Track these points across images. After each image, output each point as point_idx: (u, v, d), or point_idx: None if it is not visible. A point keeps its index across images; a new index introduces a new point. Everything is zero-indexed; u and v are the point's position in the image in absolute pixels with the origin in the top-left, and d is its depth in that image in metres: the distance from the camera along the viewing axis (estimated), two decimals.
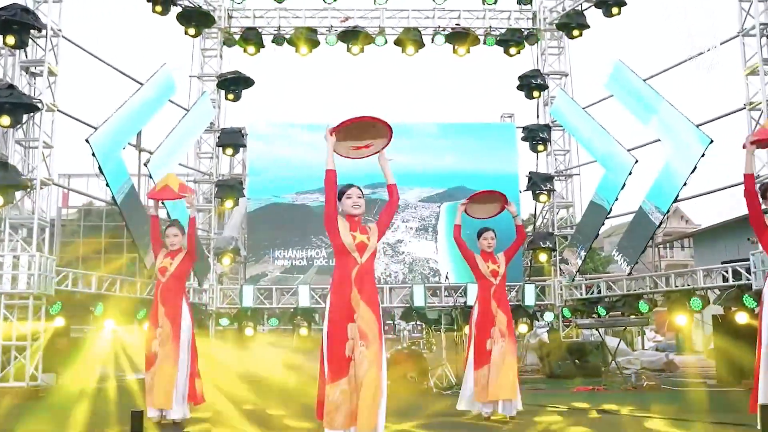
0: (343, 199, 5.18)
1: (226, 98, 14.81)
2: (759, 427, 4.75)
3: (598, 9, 14.11)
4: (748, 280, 10.34)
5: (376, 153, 5.41)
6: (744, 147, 5.59)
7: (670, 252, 44.35)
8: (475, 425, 6.75)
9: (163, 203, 10.07)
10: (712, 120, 11.80)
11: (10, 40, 9.73)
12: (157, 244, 7.35)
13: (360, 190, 5.24)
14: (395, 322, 11.43)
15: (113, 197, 11.57)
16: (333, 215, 5.07)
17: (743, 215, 5.91)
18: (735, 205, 13.43)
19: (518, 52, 15.28)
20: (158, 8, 13.42)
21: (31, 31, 10.05)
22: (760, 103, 10.56)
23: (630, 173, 12.73)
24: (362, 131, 5.27)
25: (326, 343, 4.91)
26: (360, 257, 5.05)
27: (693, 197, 12.67)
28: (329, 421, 4.76)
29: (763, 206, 5.50)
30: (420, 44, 14.94)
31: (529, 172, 14.94)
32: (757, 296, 8.17)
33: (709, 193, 12.53)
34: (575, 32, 14.49)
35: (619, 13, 13.95)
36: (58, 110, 10.55)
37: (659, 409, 7.68)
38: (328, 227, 5.08)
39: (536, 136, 14.92)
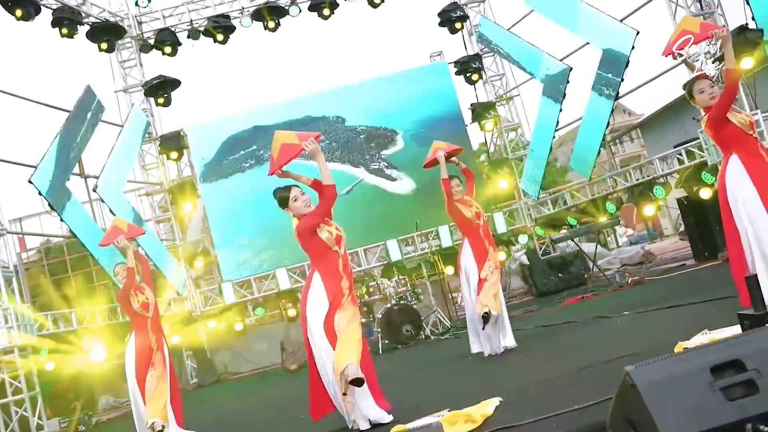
0: (290, 203, 5.11)
1: (157, 104, 14.58)
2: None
3: None
4: (702, 157, 10.58)
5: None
6: (664, 55, 5.59)
7: (621, 148, 45.00)
8: (491, 359, 6.83)
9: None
10: (634, 12, 11.92)
11: None
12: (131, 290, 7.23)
13: (298, 188, 5.15)
14: (378, 282, 11.47)
15: (71, 230, 11.42)
16: (317, 226, 5.02)
17: (680, 96, 5.93)
18: (669, 90, 13.71)
19: None
20: (65, 31, 13.10)
21: None
22: None
23: (567, 82, 12.83)
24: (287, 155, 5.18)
25: (328, 336, 4.88)
26: (339, 249, 5.08)
27: (632, 90, 12.86)
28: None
29: (698, 104, 5.46)
30: (334, 4, 14.80)
31: (471, 104, 15.00)
32: (715, 170, 8.36)
33: (648, 82, 12.73)
34: None
35: None
36: None
37: (646, 301, 7.91)
38: (310, 233, 5.02)
39: (468, 67, 14.99)
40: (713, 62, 10.41)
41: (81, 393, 11.80)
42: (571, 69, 12.79)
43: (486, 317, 6.70)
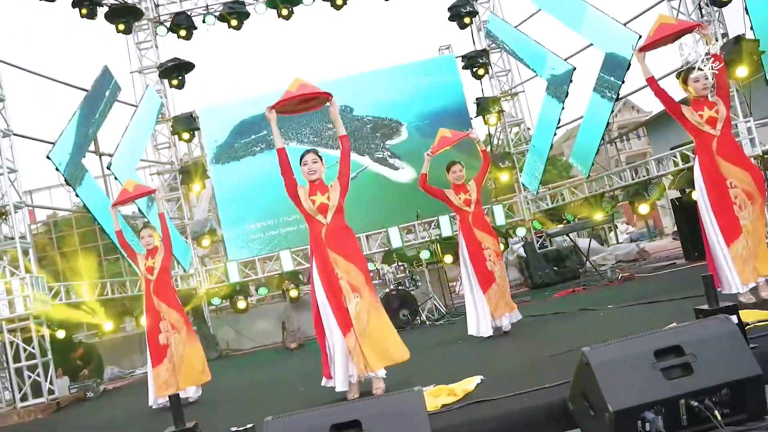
0: (300, 166, 5.50)
1: (171, 86, 15.00)
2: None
3: None
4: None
5: (323, 105, 5.69)
6: (639, 51, 6.07)
7: (628, 144, 45.32)
8: (480, 343, 7.28)
9: (139, 210, 10.44)
10: (637, 16, 12.28)
11: None
12: (130, 253, 7.70)
13: (315, 153, 5.54)
14: (378, 267, 11.90)
15: (84, 206, 11.87)
16: (291, 188, 5.42)
17: (683, 98, 6.38)
18: (676, 90, 14.01)
19: None
20: (84, 11, 13.53)
21: None
22: None
23: (570, 81, 13.22)
24: (303, 103, 5.61)
25: (326, 303, 5.27)
26: (324, 218, 5.42)
27: (635, 91, 13.21)
28: (359, 370, 5.23)
29: (690, 92, 5.98)
30: None
31: (476, 98, 15.38)
32: None
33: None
34: None
35: None
36: (14, 134, 10.73)
37: (631, 296, 8.33)
38: (292, 198, 5.46)
39: (475, 62, 15.34)
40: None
41: (90, 361, 12.32)
42: (575, 69, 13.18)
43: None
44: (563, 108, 13.51)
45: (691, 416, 2.97)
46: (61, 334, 11.23)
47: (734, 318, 3.87)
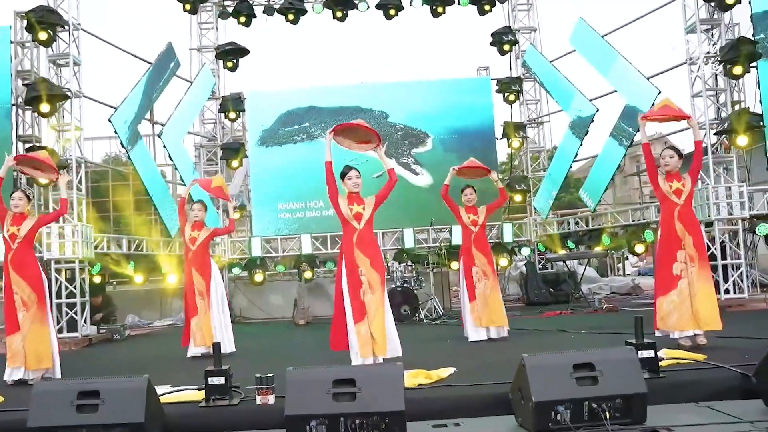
0: (345, 180, 6.72)
1: (225, 67, 16.22)
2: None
3: None
4: None
5: (373, 149, 6.91)
6: (642, 119, 7.21)
7: None
8: (464, 345, 8.48)
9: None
10: (660, 73, 13.30)
11: (43, 36, 11.16)
12: (182, 220, 8.96)
13: (357, 171, 6.77)
14: (389, 263, 13.02)
15: (135, 168, 13.13)
16: (334, 195, 6.64)
17: (689, 152, 7.57)
18: (683, 143, 15.07)
19: (490, 10, 16.58)
20: None
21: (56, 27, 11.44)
22: (699, 58, 12.07)
23: (592, 121, 14.27)
24: (354, 133, 6.81)
25: (347, 292, 6.49)
26: (358, 224, 6.64)
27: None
28: (363, 353, 6.39)
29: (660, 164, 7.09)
30: (400, 7, 16.26)
31: (504, 122, 16.45)
32: None
33: (665, 136, 14.11)
34: None
35: None
36: (84, 96, 11.97)
37: (604, 325, 9.42)
38: (333, 203, 6.69)
39: (509, 88, 16.38)
40: (715, 134, 11.81)
41: (106, 308, 13.38)
42: (598, 111, 14.22)
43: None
44: (581, 144, 14.59)
45: (591, 414, 4.09)
46: (97, 279, 12.48)
47: (651, 352, 5.03)
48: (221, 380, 5.01)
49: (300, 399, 4.13)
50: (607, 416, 4.04)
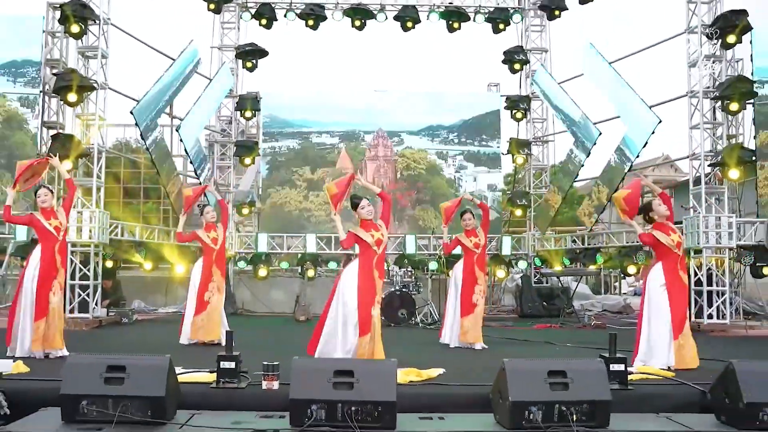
0: (358, 209, 7.28)
1: (244, 67, 16.76)
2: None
3: None
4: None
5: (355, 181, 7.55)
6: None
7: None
8: (455, 349, 9.07)
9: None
10: (661, 103, 13.79)
11: (75, 29, 11.72)
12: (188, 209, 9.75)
13: (368, 200, 7.34)
14: (389, 268, 13.50)
15: (152, 159, 13.69)
16: (351, 242, 7.23)
17: (683, 180, 8.07)
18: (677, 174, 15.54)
19: (504, 29, 17.09)
20: None
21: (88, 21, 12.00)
22: (698, 92, 12.57)
23: (594, 143, 14.78)
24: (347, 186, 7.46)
25: (357, 307, 7.01)
26: (378, 249, 7.19)
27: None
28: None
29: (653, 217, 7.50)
30: (416, 20, 16.79)
31: (510, 138, 16.97)
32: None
33: (660, 164, 14.61)
34: (555, 13, 16.33)
35: (592, 0, 15.81)
36: (109, 88, 12.51)
37: (588, 340, 9.91)
38: (352, 240, 7.22)
39: (517, 105, 16.88)
40: (709, 165, 12.31)
41: (114, 293, 13.91)
42: (600, 133, 14.73)
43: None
44: (583, 165, 15.12)
45: (561, 416, 4.59)
46: (109, 264, 13.00)
47: (622, 365, 5.56)
48: (232, 365, 5.55)
49: (303, 385, 4.65)
50: (574, 419, 4.55)
